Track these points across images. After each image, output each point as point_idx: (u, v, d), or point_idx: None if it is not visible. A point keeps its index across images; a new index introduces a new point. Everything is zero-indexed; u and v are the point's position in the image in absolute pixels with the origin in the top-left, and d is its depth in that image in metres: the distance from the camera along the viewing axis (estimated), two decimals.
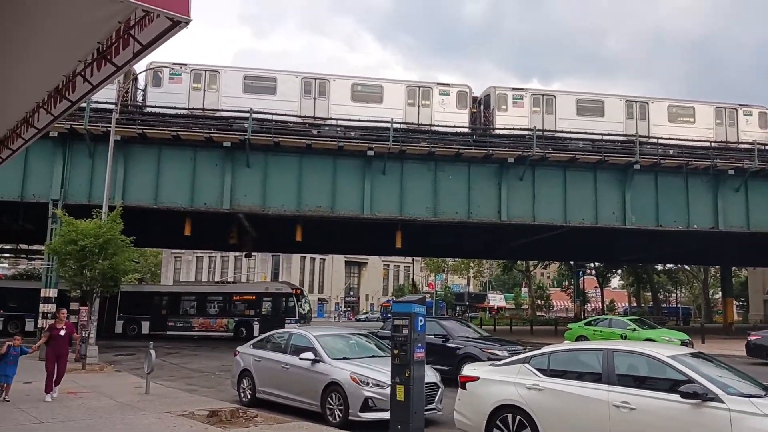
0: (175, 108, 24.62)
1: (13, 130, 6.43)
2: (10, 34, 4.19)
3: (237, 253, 53.60)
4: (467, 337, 15.16)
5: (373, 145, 24.92)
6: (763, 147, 27.92)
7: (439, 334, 14.80)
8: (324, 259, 67.68)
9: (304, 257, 64.44)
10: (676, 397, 6.11)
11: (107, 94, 22.62)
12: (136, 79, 25.41)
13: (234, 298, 31.93)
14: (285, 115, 25.11)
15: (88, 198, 23.66)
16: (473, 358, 13.36)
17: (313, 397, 9.93)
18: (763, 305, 50.64)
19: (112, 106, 21.64)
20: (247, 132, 24.06)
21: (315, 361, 10.09)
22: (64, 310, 12.02)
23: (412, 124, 26.03)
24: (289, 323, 27.33)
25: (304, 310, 31.43)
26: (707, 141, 27.83)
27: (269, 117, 24.82)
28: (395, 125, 25.07)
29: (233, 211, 25.48)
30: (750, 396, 5.98)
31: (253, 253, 42.34)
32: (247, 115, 24.15)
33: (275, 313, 30.39)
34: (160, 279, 66.87)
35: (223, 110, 24.96)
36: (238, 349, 12.39)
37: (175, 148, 24.80)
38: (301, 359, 10.25)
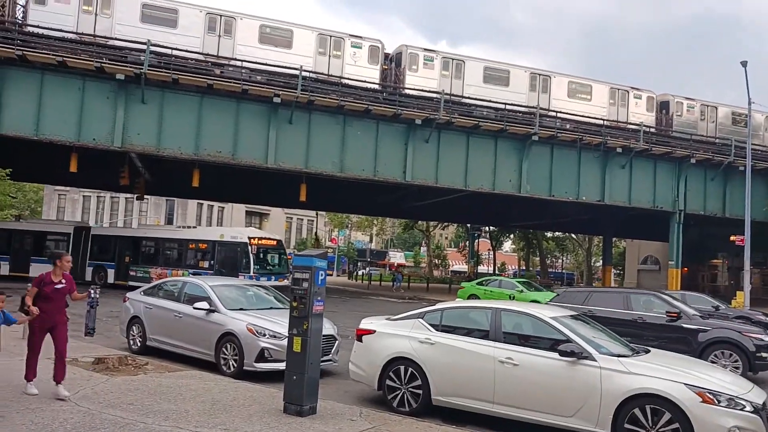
0: (61, 30, 22.33)
1: None
2: None
3: (129, 195, 50.51)
4: (706, 314, 12.40)
5: (280, 92, 24.11)
6: (648, 129, 30.14)
7: (670, 312, 11.42)
8: (223, 208, 65.50)
9: (201, 204, 61.97)
10: (555, 355, 6.59)
11: None
12: None
13: (190, 246, 27.75)
14: (186, 51, 23.57)
15: None
16: (729, 345, 10.62)
17: (207, 346, 9.75)
18: (637, 274, 55.60)
19: None
20: (144, 65, 22.37)
21: (210, 311, 9.86)
22: (69, 256, 7.44)
23: (322, 74, 25.38)
24: (243, 278, 23.22)
25: (270, 263, 26.70)
26: (601, 119, 29.55)
27: (169, 51, 23.19)
28: (304, 74, 24.36)
29: (125, 149, 23.82)
30: (619, 356, 6.56)
31: (145, 197, 40.13)
32: (144, 47, 22.39)
33: (228, 265, 25.89)
34: (41, 217, 61.87)
35: (117, 39, 22.96)
36: (128, 295, 11.88)
37: (61, 76, 22.60)
38: (195, 308, 9.98)
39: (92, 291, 8.76)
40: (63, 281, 7.16)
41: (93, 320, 9.42)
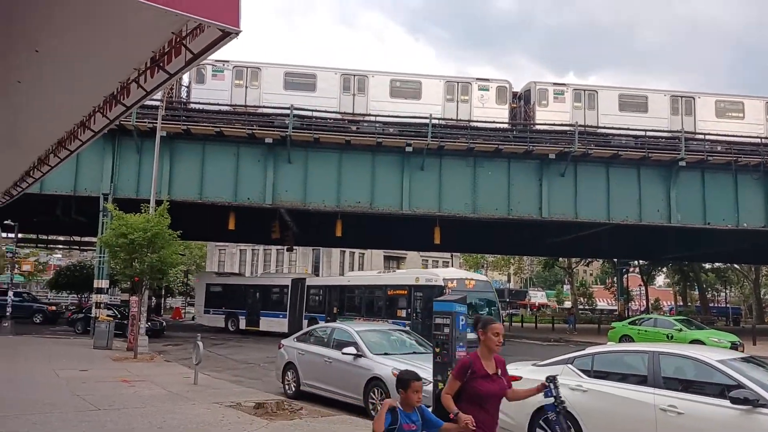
0: (218, 104, 25.18)
1: (71, 132, 6.72)
2: (73, 47, 4.41)
3: (279, 247, 54.33)
4: None
5: (412, 141, 24.98)
6: None
7: None
8: (363, 254, 67.87)
9: (344, 251, 64.79)
10: (726, 402, 6.01)
11: None
12: (181, 76, 26.02)
13: (389, 292, 24.19)
14: (325, 111, 25.38)
15: (136, 192, 24.46)
16: None
17: (355, 391, 10.10)
18: None
19: (158, 103, 22.21)
20: (288, 128, 24.43)
21: (357, 356, 10.25)
22: (499, 325, 4.73)
23: (451, 119, 25.94)
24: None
25: (472, 310, 18.26)
26: (758, 137, 26.85)
27: (309, 113, 25.14)
28: (434, 121, 25.04)
29: (275, 206, 25.92)
30: None
31: (294, 247, 42.95)
32: (288, 111, 24.50)
33: (425, 313, 20.63)
34: (205, 270, 68.18)
35: (264, 107, 25.37)
36: (283, 342, 12.69)
37: (219, 144, 25.37)
38: (343, 353, 10.42)
39: (551, 384, 4.91)
40: (498, 371, 4.52)
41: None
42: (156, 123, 21.42)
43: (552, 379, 4.88)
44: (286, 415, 9.30)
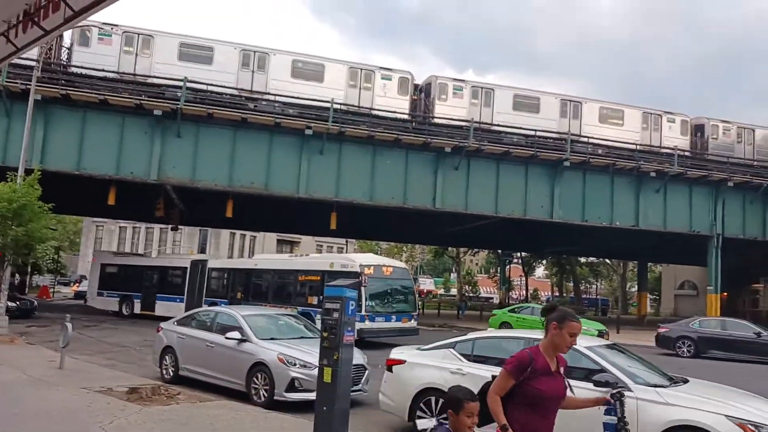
0: (103, 70, 23.31)
1: None
2: None
3: (163, 225, 51.70)
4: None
5: (312, 124, 24.59)
6: (682, 152, 29.63)
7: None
8: (255, 237, 66.33)
9: (234, 233, 62.93)
10: (590, 385, 6.41)
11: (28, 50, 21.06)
12: (61, 36, 23.82)
13: (300, 278, 22.56)
14: (221, 86, 24.31)
15: (3, 160, 22.22)
16: None
17: (238, 376, 9.81)
18: (674, 299, 54.14)
19: (33, 63, 20.13)
20: (180, 101, 23.14)
21: (241, 341, 9.96)
22: (579, 325, 3.73)
23: (353, 106, 25.84)
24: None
25: (389, 299, 20.62)
26: (633, 143, 29.23)
27: (204, 87, 23.97)
28: (336, 106, 24.82)
29: (161, 182, 24.51)
30: (655, 386, 6.39)
31: (179, 227, 40.99)
32: (181, 83, 23.21)
33: None
34: (79, 248, 63.60)
35: (155, 77, 23.85)
36: (162, 325, 12.07)
37: (102, 113, 23.53)
38: (227, 338, 10.09)
39: (616, 402, 4.01)
40: (561, 369, 3.85)
41: None
42: (30, 85, 19.41)
43: (619, 396, 4.00)
44: (162, 400, 8.89)
